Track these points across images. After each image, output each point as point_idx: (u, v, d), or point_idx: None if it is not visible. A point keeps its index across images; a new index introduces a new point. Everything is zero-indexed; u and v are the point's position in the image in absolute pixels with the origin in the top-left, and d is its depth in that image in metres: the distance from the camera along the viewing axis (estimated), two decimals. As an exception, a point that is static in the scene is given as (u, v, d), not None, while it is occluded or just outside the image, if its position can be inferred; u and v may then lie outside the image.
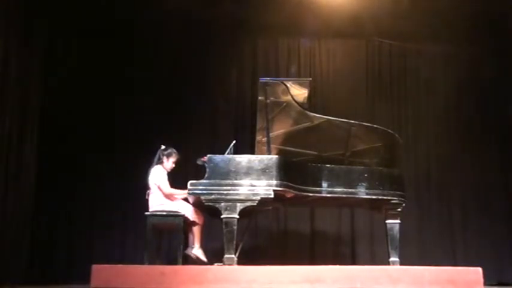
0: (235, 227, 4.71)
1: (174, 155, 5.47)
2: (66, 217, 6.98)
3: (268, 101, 5.20)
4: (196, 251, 5.26)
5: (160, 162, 5.43)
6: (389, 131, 5.52)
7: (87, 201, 7.03)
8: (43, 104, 6.91)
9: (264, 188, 4.75)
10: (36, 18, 6.67)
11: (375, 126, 5.53)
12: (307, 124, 5.36)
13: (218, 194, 4.75)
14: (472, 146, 7.53)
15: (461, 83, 7.64)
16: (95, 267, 4.49)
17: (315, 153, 5.52)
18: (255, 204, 4.75)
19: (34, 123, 6.73)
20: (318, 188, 5.03)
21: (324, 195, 5.06)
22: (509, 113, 7.51)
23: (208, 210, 5.04)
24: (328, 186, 5.06)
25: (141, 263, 5.07)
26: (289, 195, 4.95)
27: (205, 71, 7.48)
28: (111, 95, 7.28)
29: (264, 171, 4.78)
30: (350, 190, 5.12)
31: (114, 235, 6.98)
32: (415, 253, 6.89)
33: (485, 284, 4.69)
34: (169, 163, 5.45)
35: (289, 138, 5.48)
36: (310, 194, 5.01)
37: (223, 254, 4.71)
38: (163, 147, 5.48)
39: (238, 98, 7.59)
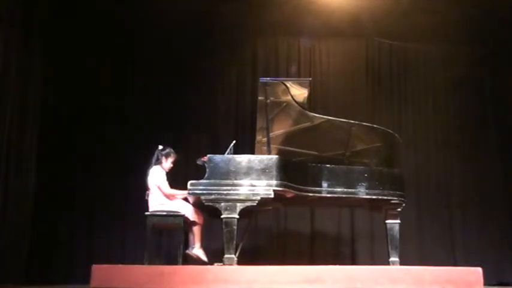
0: (235, 227, 4.71)
1: (172, 155, 5.47)
2: (66, 217, 6.98)
3: (268, 101, 5.20)
4: (197, 250, 5.26)
5: (158, 162, 5.42)
6: (389, 131, 5.52)
7: (87, 201, 7.03)
8: (43, 103, 6.91)
9: (264, 188, 4.75)
10: (36, 18, 6.67)
11: (375, 126, 5.53)
12: (307, 124, 5.36)
13: (218, 194, 4.74)
14: (472, 146, 7.53)
15: (461, 83, 7.65)
16: (95, 267, 4.50)
17: (315, 153, 5.53)
18: (255, 204, 4.75)
19: (34, 123, 6.73)
20: (318, 188, 5.03)
21: (324, 195, 5.06)
22: (508, 113, 7.52)
23: (208, 210, 5.04)
24: (328, 186, 5.06)
25: (141, 263, 5.06)
26: (289, 195, 4.95)
27: (205, 71, 7.48)
28: (111, 95, 7.28)
29: (264, 171, 4.77)
30: (350, 190, 5.12)
31: (114, 235, 6.98)
32: (415, 253, 6.90)
33: (485, 284, 4.69)
34: (167, 163, 5.44)
35: (289, 138, 5.48)
36: (310, 194, 5.01)
37: (223, 254, 4.70)
38: (160, 147, 5.47)
39: (238, 98, 7.60)
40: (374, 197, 5.17)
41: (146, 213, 5.24)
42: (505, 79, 7.57)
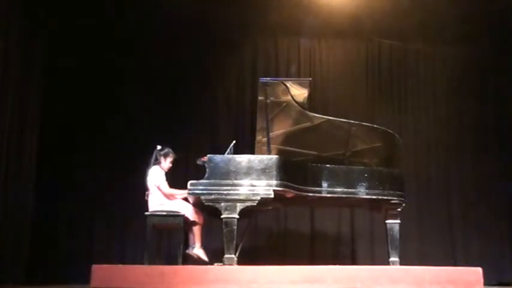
0: (235, 227, 4.71)
1: (170, 154, 5.46)
2: (66, 217, 6.99)
3: (268, 101, 5.19)
4: (197, 250, 5.26)
5: (157, 162, 5.42)
6: (389, 131, 5.52)
7: (87, 201, 7.03)
8: (43, 104, 6.91)
9: (264, 188, 4.75)
10: (36, 18, 6.67)
11: (375, 126, 5.53)
12: (307, 124, 5.36)
13: (218, 194, 4.74)
14: (472, 145, 7.53)
15: (461, 83, 7.65)
16: (95, 267, 4.49)
17: (315, 153, 5.52)
18: (255, 204, 4.74)
19: (34, 123, 6.73)
20: (318, 188, 5.03)
21: (324, 195, 5.05)
22: (508, 113, 7.51)
23: (208, 210, 5.04)
24: (328, 186, 5.06)
25: (141, 263, 5.07)
26: (289, 195, 4.95)
27: (205, 71, 7.49)
28: (111, 95, 7.28)
29: (264, 171, 4.77)
30: (350, 190, 5.11)
31: (114, 235, 6.99)
32: (415, 253, 6.90)
33: (485, 284, 4.68)
34: (166, 163, 5.44)
35: (289, 138, 5.47)
36: (310, 194, 5.01)
37: (223, 254, 4.70)
38: (159, 147, 5.46)
39: (238, 98, 7.60)
40: (374, 197, 5.17)
41: (146, 213, 5.24)
42: (505, 79, 7.57)
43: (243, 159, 4.84)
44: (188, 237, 5.38)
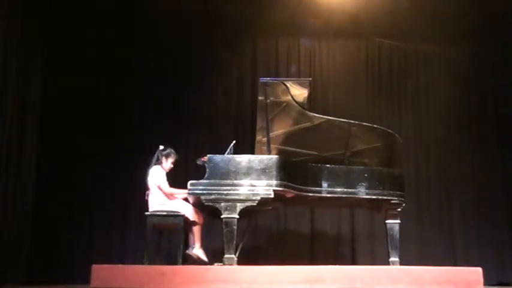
0: (235, 227, 4.71)
1: (172, 155, 5.47)
2: (66, 217, 6.99)
3: (268, 101, 5.20)
4: (197, 250, 5.27)
5: (159, 162, 5.42)
6: (389, 131, 5.52)
7: (87, 201, 7.04)
8: (43, 104, 6.91)
9: (264, 188, 4.75)
10: (36, 19, 6.67)
11: (375, 126, 5.52)
12: (307, 124, 5.36)
13: (218, 194, 4.74)
14: (472, 146, 7.53)
15: (461, 83, 7.65)
16: (95, 267, 4.50)
17: (315, 153, 5.52)
18: (255, 204, 4.75)
19: (34, 123, 6.73)
20: (318, 188, 5.03)
21: (324, 195, 5.06)
22: (509, 113, 7.51)
23: (208, 210, 5.04)
24: (328, 186, 5.06)
25: (141, 263, 5.07)
26: (289, 195, 4.95)
27: (205, 71, 7.49)
28: (111, 95, 7.28)
29: (264, 171, 4.78)
30: (350, 190, 5.11)
31: (114, 235, 6.99)
32: (415, 253, 6.90)
33: (485, 284, 4.69)
34: (167, 163, 5.44)
35: (289, 138, 5.48)
36: (310, 194, 5.01)
37: (223, 254, 4.71)
38: (161, 147, 5.47)
39: (238, 98, 7.60)
40: (374, 197, 5.17)
41: (146, 213, 5.25)
42: (505, 79, 7.57)
43: (243, 159, 4.84)
44: (188, 237, 5.39)
